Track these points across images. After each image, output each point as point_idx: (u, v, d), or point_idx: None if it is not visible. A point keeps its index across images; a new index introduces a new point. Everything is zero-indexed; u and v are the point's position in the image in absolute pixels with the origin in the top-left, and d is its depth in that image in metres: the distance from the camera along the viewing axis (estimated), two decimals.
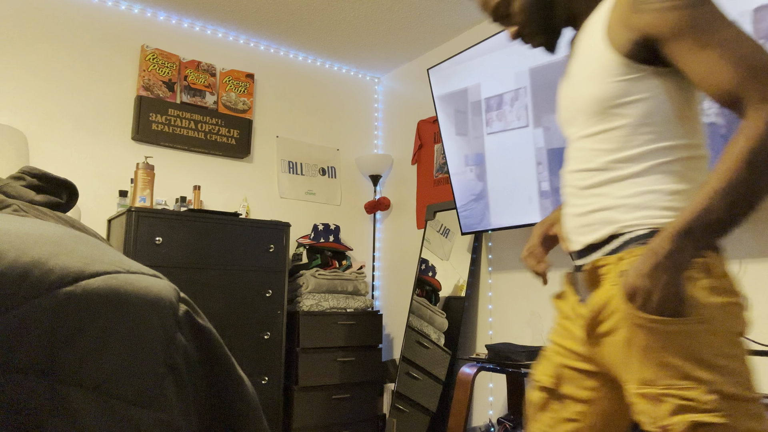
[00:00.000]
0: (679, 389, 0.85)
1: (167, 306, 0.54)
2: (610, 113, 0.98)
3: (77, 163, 2.78)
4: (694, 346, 0.86)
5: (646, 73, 0.95)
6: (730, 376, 0.85)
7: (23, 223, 0.57)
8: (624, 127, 0.97)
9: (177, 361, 0.54)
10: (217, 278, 2.59)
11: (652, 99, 0.95)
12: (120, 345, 0.50)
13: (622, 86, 0.96)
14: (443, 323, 2.86)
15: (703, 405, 0.83)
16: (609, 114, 0.98)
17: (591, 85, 1.00)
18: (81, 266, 0.51)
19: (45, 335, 0.47)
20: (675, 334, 0.86)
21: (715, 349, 0.86)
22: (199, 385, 0.57)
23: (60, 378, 0.47)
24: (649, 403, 0.87)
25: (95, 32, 2.89)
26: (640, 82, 0.95)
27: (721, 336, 0.87)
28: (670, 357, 0.86)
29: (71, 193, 1.00)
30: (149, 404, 0.50)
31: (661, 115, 0.95)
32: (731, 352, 0.87)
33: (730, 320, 0.89)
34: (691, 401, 0.84)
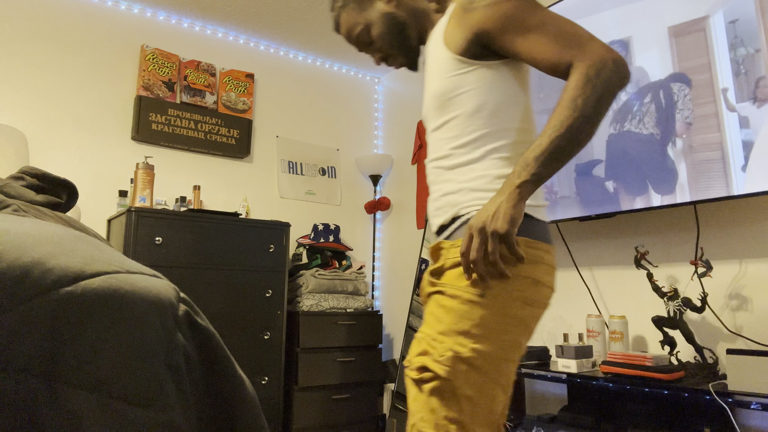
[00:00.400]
0: (432, 339, 0.99)
1: (167, 306, 0.54)
2: (448, 105, 1.11)
3: (77, 163, 2.77)
4: (464, 311, 0.98)
5: (475, 67, 1.08)
6: (477, 347, 0.96)
7: (23, 223, 0.57)
8: (460, 116, 1.09)
9: (177, 361, 0.53)
10: (217, 278, 2.59)
11: (481, 89, 1.08)
12: (120, 345, 0.50)
13: (456, 80, 1.09)
14: None
15: (438, 357, 0.97)
16: (448, 106, 1.11)
17: (434, 83, 1.13)
18: (81, 266, 0.51)
19: (45, 335, 0.47)
20: (453, 296, 1.00)
21: (477, 321, 0.97)
22: (198, 385, 0.56)
23: (60, 378, 0.47)
24: (415, 342, 1.03)
25: (95, 32, 2.89)
26: (470, 75, 1.08)
27: (493, 314, 0.98)
28: (443, 314, 1.00)
29: (71, 193, 1.00)
30: (149, 404, 0.50)
31: (492, 103, 1.07)
32: (494, 329, 0.98)
33: (510, 304, 0.99)
34: (433, 350, 0.98)
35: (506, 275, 0.97)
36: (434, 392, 0.97)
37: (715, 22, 1.81)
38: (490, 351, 0.97)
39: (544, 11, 1.02)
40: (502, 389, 1.00)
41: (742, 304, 1.88)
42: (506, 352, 0.99)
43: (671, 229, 2.11)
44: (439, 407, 0.96)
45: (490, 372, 0.97)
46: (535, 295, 1.01)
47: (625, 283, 2.24)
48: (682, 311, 1.82)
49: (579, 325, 2.39)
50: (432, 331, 1.00)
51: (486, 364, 0.97)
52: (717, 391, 1.58)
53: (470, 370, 0.96)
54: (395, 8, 1.23)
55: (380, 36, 1.24)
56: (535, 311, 1.02)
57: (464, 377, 0.96)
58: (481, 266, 0.96)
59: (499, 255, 0.97)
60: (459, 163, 1.09)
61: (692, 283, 1.99)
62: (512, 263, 0.99)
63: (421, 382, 0.99)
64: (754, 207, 1.90)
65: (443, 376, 0.96)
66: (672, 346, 1.86)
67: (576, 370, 1.93)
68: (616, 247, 2.29)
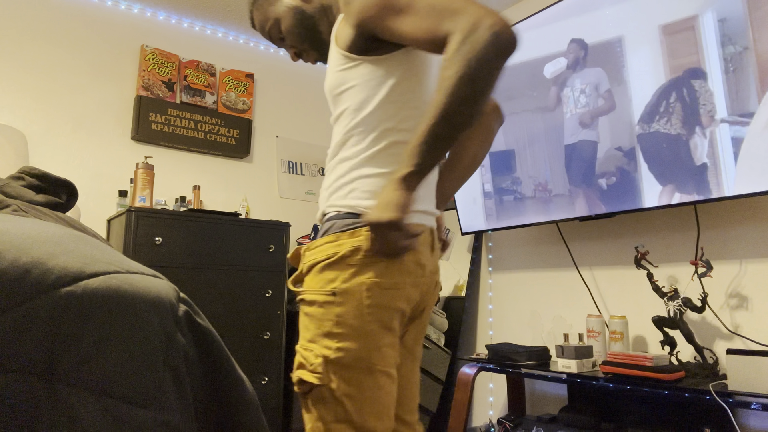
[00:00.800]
0: (303, 349, 1.01)
1: (167, 306, 0.54)
2: (337, 100, 1.09)
3: (77, 163, 2.77)
4: (323, 314, 0.99)
5: (358, 62, 1.05)
6: (343, 345, 0.97)
7: (23, 223, 0.57)
8: (345, 112, 1.08)
9: (176, 361, 0.53)
10: (217, 278, 2.58)
11: (363, 86, 1.05)
12: (119, 345, 0.50)
13: (342, 75, 1.07)
14: (443, 323, 2.85)
15: (310, 366, 0.98)
16: (337, 101, 1.10)
17: (327, 78, 1.12)
18: (81, 266, 0.51)
19: (45, 335, 0.47)
20: (311, 302, 1.01)
21: (337, 320, 0.98)
22: (198, 385, 0.56)
23: (59, 378, 0.47)
24: (297, 355, 1.03)
25: (95, 32, 2.89)
26: (354, 70, 1.06)
27: (350, 309, 0.98)
28: (309, 322, 1.01)
29: (71, 193, 1.00)
30: (149, 404, 0.50)
31: (373, 100, 1.05)
32: (355, 324, 0.98)
33: (363, 294, 0.99)
34: (305, 360, 0.99)
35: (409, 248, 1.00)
36: (316, 402, 0.98)
37: (704, 21, 1.82)
38: (356, 346, 0.98)
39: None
40: (384, 375, 1.00)
41: (742, 304, 1.88)
42: (374, 340, 0.99)
43: (671, 229, 2.11)
44: (325, 413, 0.98)
45: (363, 364, 0.98)
46: (391, 277, 1.01)
47: (626, 283, 2.24)
48: (682, 311, 1.82)
49: (579, 325, 2.39)
50: (303, 341, 1.02)
51: (356, 360, 0.97)
52: (717, 392, 1.58)
53: (342, 369, 0.97)
54: (303, 3, 1.21)
55: (289, 31, 1.22)
56: (398, 292, 1.02)
57: (339, 378, 0.97)
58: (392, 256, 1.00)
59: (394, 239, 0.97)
60: (339, 158, 1.09)
61: (692, 283, 1.99)
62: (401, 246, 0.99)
63: (304, 395, 1.00)
64: (754, 207, 1.90)
65: (318, 383, 0.97)
66: (672, 346, 1.86)
67: (576, 370, 1.93)
68: (616, 247, 2.29)
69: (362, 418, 0.97)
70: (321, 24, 1.21)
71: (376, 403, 0.99)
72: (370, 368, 0.99)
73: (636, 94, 2.00)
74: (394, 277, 1.02)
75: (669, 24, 1.92)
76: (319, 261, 1.02)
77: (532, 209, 2.40)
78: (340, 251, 1.00)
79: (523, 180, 2.44)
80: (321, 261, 1.01)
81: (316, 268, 1.02)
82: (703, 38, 1.83)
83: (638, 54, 2.00)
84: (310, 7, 1.21)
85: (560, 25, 2.24)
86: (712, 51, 1.80)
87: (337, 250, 1.00)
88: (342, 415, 0.97)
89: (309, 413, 1.00)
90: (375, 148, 1.05)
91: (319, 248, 1.03)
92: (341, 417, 0.97)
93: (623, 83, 2.03)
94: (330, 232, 1.03)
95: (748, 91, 1.73)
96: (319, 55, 1.25)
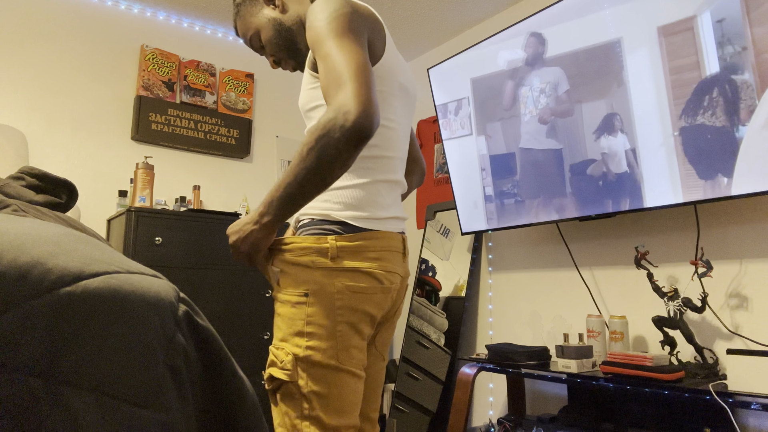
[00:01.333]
0: (275, 348, 1.06)
1: (167, 306, 0.54)
2: (307, 117, 1.16)
3: (77, 163, 2.77)
4: (294, 314, 1.05)
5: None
6: (313, 344, 1.03)
7: (23, 223, 0.57)
8: None
9: (176, 361, 0.53)
10: (217, 278, 2.58)
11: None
12: (119, 345, 0.50)
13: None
14: (443, 323, 2.85)
15: (281, 363, 1.03)
16: (307, 118, 1.16)
17: (300, 95, 1.18)
18: (80, 266, 0.51)
19: (44, 335, 0.47)
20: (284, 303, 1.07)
21: (308, 319, 1.04)
22: (198, 385, 0.56)
23: (59, 378, 0.47)
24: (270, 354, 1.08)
25: (95, 32, 2.89)
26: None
27: (321, 309, 1.04)
28: (281, 322, 1.07)
29: (71, 193, 1.00)
30: (149, 404, 0.50)
31: None
32: (325, 323, 1.04)
33: (335, 296, 1.05)
34: (276, 359, 1.04)
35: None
36: (284, 397, 1.04)
37: (702, 22, 1.82)
38: (326, 345, 1.03)
39: (337, 41, 1.00)
40: (350, 375, 1.06)
41: (742, 303, 1.88)
42: (343, 340, 1.05)
43: (671, 229, 2.11)
44: (291, 409, 1.03)
45: (331, 363, 1.04)
46: (361, 282, 1.07)
47: (626, 283, 2.24)
48: (682, 311, 1.82)
49: (579, 325, 2.39)
50: (275, 340, 1.07)
51: (325, 358, 1.03)
52: (717, 391, 1.58)
53: (310, 367, 1.03)
54: (281, 14, 1.27)
55: (268, 41, 1.28)
56: (367, 296, 1.08)
57: (307, 375, 1.02)
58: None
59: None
60: None
61: (692, 283, 1.99)
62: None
63: (273, 392, 1.06)
64: (754, 207, 1.90)
65: (286, 379, 1.02)
66: (672, 346, 1.86)
67: (576, 370, 1.93)
68: (616, 247, 2.29)
69: (327, 415, 1.02)
70: (298, 36, 1.27)
71: (341, 401, 1.04)
72: (338, 367, 1.04)
73: (636, 96, 2.00)
74: (365, 282, 1.08)
75: (667, 25, 1.92)
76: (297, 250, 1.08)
77: (532, 210, 2.40)
78: (311, 256, 1.06)
79: (521, 183, 2.44)
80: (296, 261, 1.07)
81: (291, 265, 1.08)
82: (702, 39, 1.83)
83: (636, 55, 2.00)
84: (288, 19, 1.27)
85: (558, 29, 2.24)
86: (711, 51, 1.80)
87: (309, 255, 1.06)
88: (307, 412, 1.02)
89: (277, 408, 1.05)
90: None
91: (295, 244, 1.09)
92: (306, 413, 1.02)
93: (623, 85, 2.04)
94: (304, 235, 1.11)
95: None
96: (296, 64, 1.31)
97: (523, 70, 2.38)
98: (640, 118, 2.00)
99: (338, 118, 0.93)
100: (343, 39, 1.00)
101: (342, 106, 0.93)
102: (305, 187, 0.97)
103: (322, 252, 1.06)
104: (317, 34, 1.02)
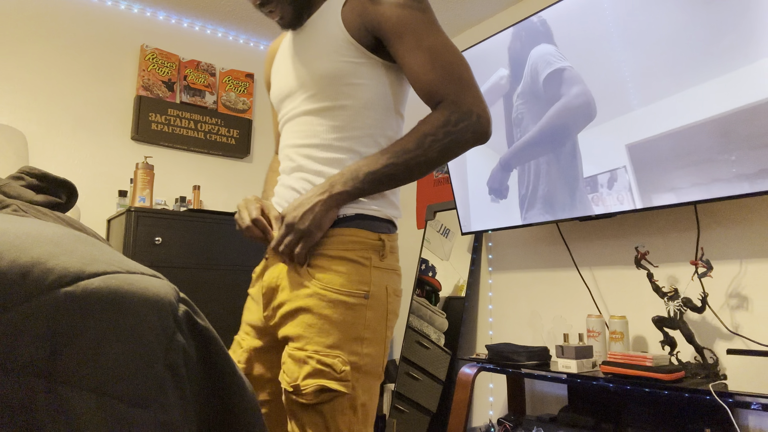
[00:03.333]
0: (323, 356, 0.92)
1: (167, 306, 0.54)
2: (338, 91, 1.01)
3: (77, 163, 2.77)
4: (352, 317, 0.94)
5: (374, 60, 1.01)
6: (368, 351, 0.94)
7: (23, 223, 0.57)
8: (349, 108, 1.02)
9: (176, 361, 0.53)
10: (217, 278, 2.58)
11: (375, 87, 1.02)
12: (119, 345, 0.50)
13: (351, 67, 1.00)
14: (443, 323, 2.85)
15: (339, 373, 0.91)
16: (337, 92, 1.01)
17: (323, 60, 1.02)
18: (80, 266, 0.51)
19: (44, 335, 0.47)
20: (335, 303, 0.94)
21: (366, 324, 0.95)
22: (198, 386, 0.56)
23: (59, 378, 0.47)
24: (291, 364, 0.94)
25: (95, 32, 2.89)
26: (366, 67, 1.01)
27: (378, 313, 0.96)
28: (329, 326, 0.93)
29: (71, 193, 1.00)
30: (149, 404, 0.50)
31: (382, 104, 1.03)
32: (379, 329, 0.96)
33: (388, 299, 0.98)
34: (327, 368, 0.91)
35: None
36: (335, 412, 0.91)
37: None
38: (377, 351, 0.96)
39: (443, 36, 0.98)
40: (379, 379, 0.99)
41: (742, 304, 1.88)
42: (386, 347, 0.99)
43: (671, 229, 2.11)
44: (342, 425, 0.92)
45: (376, 371, 0.97)
46: (399, 285, 1.04)
47: (626, 283, 2.24)
48: (682, 311, 1.82)
49: (579, 325, 2.39)
50: (318, 346, 0.92)
51: (374, 365, 0.96)
52: (717, 392, 1.58)
53: (363, 377, 0.94)
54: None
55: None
56: (399, 301, 1.03)
57: (360, 386, 0.94)
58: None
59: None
60: (335, 158, 1.02)
61: (692, 283, 1.99)
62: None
63: (316, 405, 0.91)
64: (754, 207, 1.90)
65: (345, 392, 0.91)
66: (672, 347, 1.86)
67: (576, 370, 1.93)
68: (616, 247, 2.29)
69: (365, 428, 0.95)
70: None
71: (374, 412, 0.98)
72: (380, 375, 0.98)
73: (635, 97, 2.00)
74: (400, 285, 1.03)
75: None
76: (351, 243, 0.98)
77: (532, 210, 2.40)
78: (368, 252, 0.98)
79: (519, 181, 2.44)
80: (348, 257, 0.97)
81: (340, 261, 0.97)
82: None
83: None
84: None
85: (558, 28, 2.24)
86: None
87: (366, 251, 0.98)
88: (354, 426, 0.93)
89: (316, 423, 0.91)
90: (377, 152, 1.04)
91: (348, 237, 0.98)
92: (353, 427, 0.93)
93: None
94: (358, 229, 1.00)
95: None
96: (293, 13, 1.06)
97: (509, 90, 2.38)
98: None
99: (472, 120, 0.94)
100: (443, 33, 0.98)
101: (474, 108, 0.95)
102: (412, 172, 0.95)
103: (376, 249, 0.99)
104: (413, 16, 0.96)
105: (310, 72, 1.03)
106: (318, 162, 1.03)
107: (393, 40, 0.98)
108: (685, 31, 1.85)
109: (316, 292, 0.95)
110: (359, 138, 1.02)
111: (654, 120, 1.94)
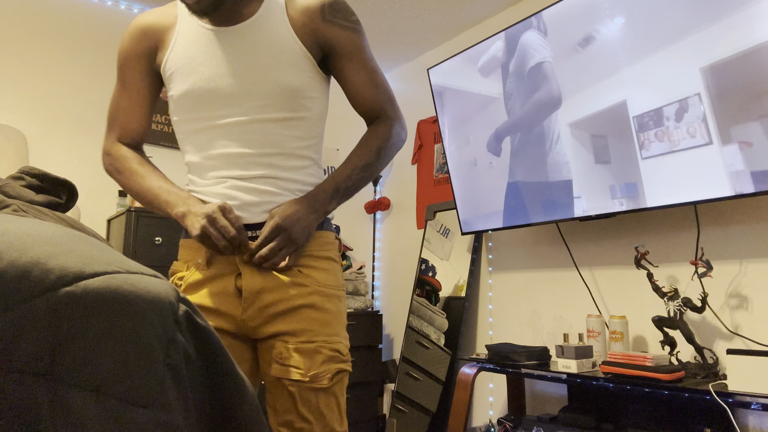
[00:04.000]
0: (333, 343, 1.06)
1: (167, 306, 0.54)
2: (298, 104, 1.08)
3: (77, 163, 2.77)
4: (341, 308, 1.11)
5: (320, 75, 1.12)
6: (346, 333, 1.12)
7: (22, 223, 0.57)
8: (308, 119, 1.11)
9: (177, 361, 0.53)
10: None
11: (323, 99, 1.14)
12: (119, 345, 0.50)
13: (309, 82, 1.09)
14: (443, 323, 2.85)
15: (345, 356, 1.07)
16: (297, 104, 1.08)
17: (288, 74, 1.06)
18: (81, 266, 0.51)
19: (44, 335, 0.47)
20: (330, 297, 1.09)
21: (345, 311, 1.12)
22: (198, 386, 0.56)
23: (59, 378, 0.47)
24: (300, 356, 1.03)
25: (95, 32, 2.89)
26: (317, 82, 1.11)
27: (344, 301, 1.14)
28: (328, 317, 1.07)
29: (71, 193, 1.00)
30: (149, 404, 0.50)
31: (324, 114, 1.15)
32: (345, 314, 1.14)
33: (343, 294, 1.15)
34: (337, 353, 1.06)
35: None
36: (342, 387, 1.08)
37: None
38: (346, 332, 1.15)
39: (375, 60, 1.17)
40: None
41: (742, 304, 1.88)
42: None
43: (671, 229, 2.11)
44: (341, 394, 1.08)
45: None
46: None
47: (626, 283, 2.24)
48: (682, 311, 1.82)
49: (579, 325, 2.39)
50: (326, 336, 1.05)
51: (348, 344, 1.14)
52: (717, 392, 1.58)
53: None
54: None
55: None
56: None
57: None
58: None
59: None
60: (298, 166, 1.11)
61: (692, 283, 1.99)
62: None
63: (334, 385, 1.06)
64: (754, 207, 1.90)
65: (350, 370, 1.10)
66: (672, 346, 1.86)
67: (576, 370, 1.93)
68: (616, 247, 2.29)
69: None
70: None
71: None
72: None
73: (634, 99, 2.00)
74: None
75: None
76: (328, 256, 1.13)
77: (532, 210, 2.40)
78: (336, 252, 1.14)
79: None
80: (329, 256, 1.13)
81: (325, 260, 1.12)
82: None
83: None
84: None
85: (557, 29, 2.24)
86: None
87: (335, 251, 1.14)
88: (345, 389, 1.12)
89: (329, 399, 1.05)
90: (317, 161, 1.18)
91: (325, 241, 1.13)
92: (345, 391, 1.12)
93: None
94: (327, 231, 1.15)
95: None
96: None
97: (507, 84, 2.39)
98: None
99: (402, 133, 1.18)
100: (374, 57, 1.18)
101: (402, 122, 1.19)
102: (368, 180, 1.13)
103: (337, 247, 1.15)
104: (360, 40, 1.12)
105: (269, 82, 1.05)
106: (283, 170, 1.09)
107: (342, 60, 1.11)
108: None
109: (317, 289, 1.07)
110: (314, 146, 1.13)
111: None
